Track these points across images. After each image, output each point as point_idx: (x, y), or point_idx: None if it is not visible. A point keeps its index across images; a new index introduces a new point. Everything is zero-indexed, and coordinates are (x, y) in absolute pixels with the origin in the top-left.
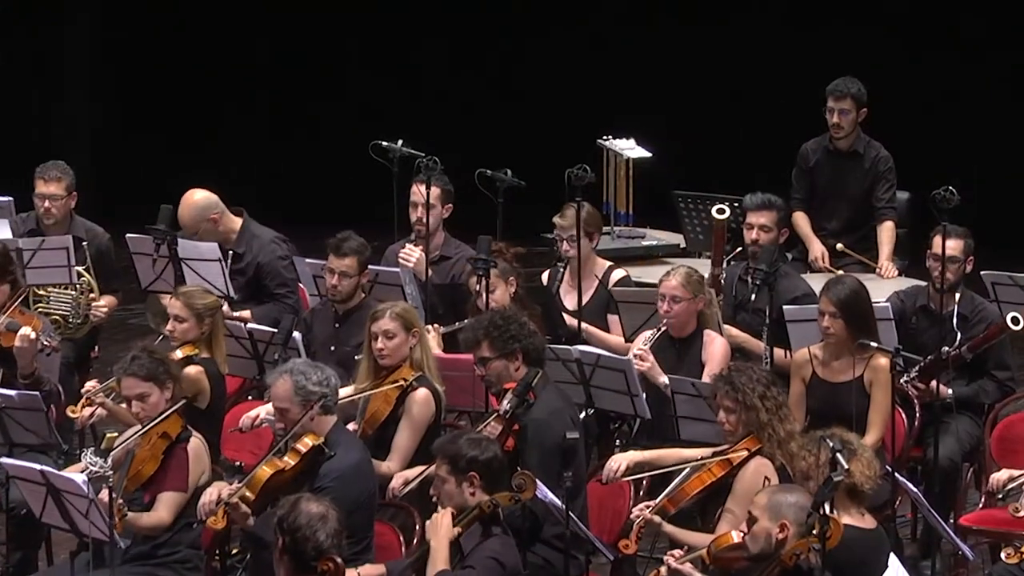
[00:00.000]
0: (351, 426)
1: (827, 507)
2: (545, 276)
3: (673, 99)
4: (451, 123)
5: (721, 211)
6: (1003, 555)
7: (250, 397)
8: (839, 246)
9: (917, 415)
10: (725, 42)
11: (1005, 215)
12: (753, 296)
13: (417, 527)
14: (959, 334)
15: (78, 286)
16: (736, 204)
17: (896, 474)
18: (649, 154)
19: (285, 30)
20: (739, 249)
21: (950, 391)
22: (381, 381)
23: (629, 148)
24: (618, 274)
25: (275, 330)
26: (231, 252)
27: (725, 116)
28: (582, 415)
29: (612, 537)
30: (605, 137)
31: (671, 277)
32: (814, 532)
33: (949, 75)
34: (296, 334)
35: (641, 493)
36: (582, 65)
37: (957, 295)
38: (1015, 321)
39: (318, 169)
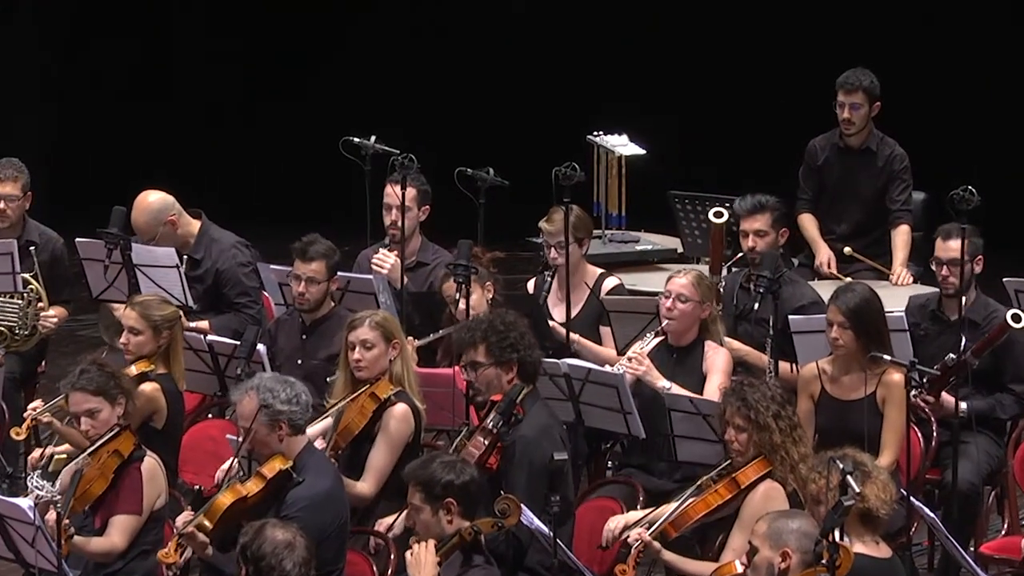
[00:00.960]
0: (320, 443)
1: (837, 534)
2: (531, 284)
3: (669, 93)
4: (428, 118)
5: (719, 214)
6: None
7: (210, 415)
8: (847, 250)
9: (934, 435)
10: (725, 34)
11: (1005, 215)
12: (756, 305)
13: (392, 556)
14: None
15: (26, 295)
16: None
17: (912, 498)
18: (643, 151)
19: (267, 25)
20: (739, 255)
21: (964, 405)
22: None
23: (621, 144)
24: (611, 282)
25: (238, 343)
26: (187, 257)
27: (725, 110)
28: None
29: (603, 567)
30: (595, 132)
31: (681, 275)
32: (823, 561)
33: (958, 72)
34: (260, 347)
35: None
36: (570, 56)
37: (970, 300)
38: (1016, 318)
39: (286, 168)
